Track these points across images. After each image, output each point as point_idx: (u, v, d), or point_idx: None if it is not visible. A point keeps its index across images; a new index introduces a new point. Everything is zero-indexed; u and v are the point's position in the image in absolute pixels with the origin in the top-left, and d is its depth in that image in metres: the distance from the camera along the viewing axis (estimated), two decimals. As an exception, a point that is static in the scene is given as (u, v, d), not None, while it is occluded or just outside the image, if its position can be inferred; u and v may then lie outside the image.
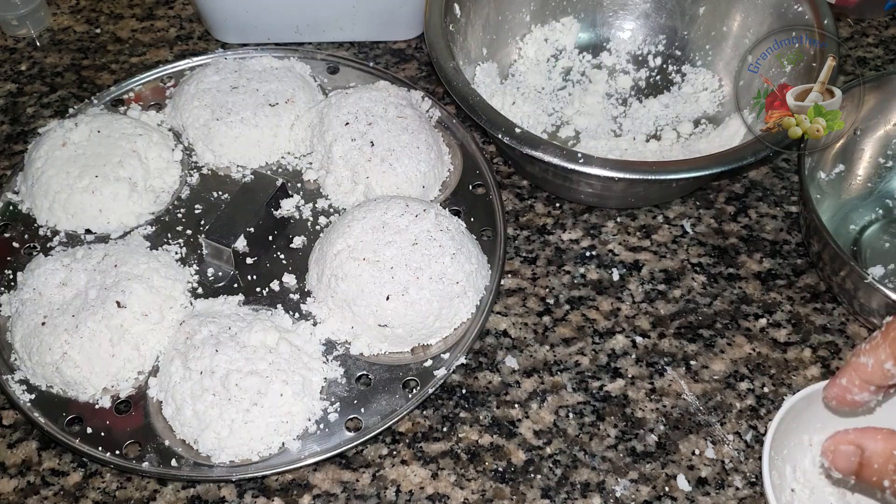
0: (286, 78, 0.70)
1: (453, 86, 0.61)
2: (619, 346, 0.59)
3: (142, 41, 0.81)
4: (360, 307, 0.55)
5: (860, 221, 0.65)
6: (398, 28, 0.78)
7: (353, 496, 0.52)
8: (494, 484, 0.53)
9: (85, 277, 0.57)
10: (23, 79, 0.77)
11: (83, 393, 0.55)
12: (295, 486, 0.53)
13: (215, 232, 0.60)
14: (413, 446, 0.55)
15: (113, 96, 0.72)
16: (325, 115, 0.66)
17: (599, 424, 0.55)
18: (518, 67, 0.75)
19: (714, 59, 0.73)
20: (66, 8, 0.84)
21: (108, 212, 0.63)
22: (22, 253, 0.62)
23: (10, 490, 0.53)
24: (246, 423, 0.51)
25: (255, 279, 0.61)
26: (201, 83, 0.68)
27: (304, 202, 0.65)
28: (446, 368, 0.56)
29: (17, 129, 0.73)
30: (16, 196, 0.65)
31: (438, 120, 0.69)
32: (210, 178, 0.67)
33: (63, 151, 0.64)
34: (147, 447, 0.53)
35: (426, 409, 0.56)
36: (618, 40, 0.76)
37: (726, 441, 0.55)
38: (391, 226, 0.57)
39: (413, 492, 0.53)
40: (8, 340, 0.57)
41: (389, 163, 0.63)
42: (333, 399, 0.55)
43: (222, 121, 0.66)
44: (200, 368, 0.52)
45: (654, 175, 0.57)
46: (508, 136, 0.58)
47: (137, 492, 0.53)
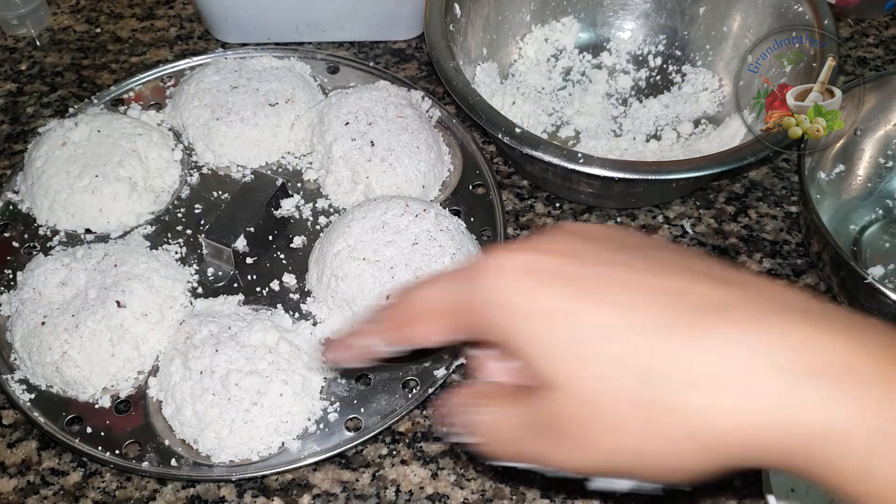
0: (286, 78, 0.70)
1: (453, 86, 0.61)
2: (619, 346, 0.59)
3: (142, 41, 0.81)
4: (361, 307, 0.55)
5: (860, 221, 0.65)
6: (398, 28, 0.78)
7: (352, 496, 0.52)
8: (494, 484, 0.53)
9: (85, 277, 0.57)
10: (23, 78, 0.77)
11: (83, 392, 0.55)
12: (295, 486, 0.53)
13: (215, 232, 0.60)
14: (413, 446, 0.55)
15: (113, 96, 0.72)
16: (325, 114, 0.66)
17: (599, 424, 0.55)
18: (518, 67, 0.75)
19: (714, 59, 0.73)
20: (66, 7, 0.84)
21: (108, 211, 0.63)
22: (22, 252, 0.62)
23: (9, 490, 0.53)
24: (246, 423, 0.51)
25: (255, 279, 0.61)
26: (201, 83, 0.68)
27: (304, 202, 0.65)
28: (446, 368, 0.56)
29: (17, 128, 0.73)
30: (16, 196, 0.65)
31: (438, 120, 0.69)
32: (210, 177, 0.67)
33: (63, 151, 0.64)
34: (147, 447, 0.53)
35: (426, 408, 0.56)
36: (618, 40, 0.76)
37: (726, 441, 0.55)
38: (391, 226, 0.57)
39: (413, 492, 0.53)
40: (8, 340, 0.57)
41: (389, 163, 0.63)
42: (333, 399, 0.55)
43: (222, 120, 0.66)
44: (200, 368, 0.52)
45: (654, 175, 0.57)
46: (508, 136, 0.58)
47: (137, 491, 0.53)
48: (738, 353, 0.28)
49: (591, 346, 0.29)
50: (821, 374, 0.27)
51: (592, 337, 0.29)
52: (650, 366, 0.28)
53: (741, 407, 0.27)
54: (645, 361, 0.28)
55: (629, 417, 0.29)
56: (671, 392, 0.28)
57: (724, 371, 0.28)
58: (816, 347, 0.27)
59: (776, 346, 0.28)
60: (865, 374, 0.27)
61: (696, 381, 0.28)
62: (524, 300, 0.30)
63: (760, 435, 0.28)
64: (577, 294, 0.30)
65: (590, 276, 0.30)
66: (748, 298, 0.29)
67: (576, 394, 0.30)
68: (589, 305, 0.30)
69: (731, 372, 0.28)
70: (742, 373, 0.28)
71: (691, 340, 0.28)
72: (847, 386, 0.27)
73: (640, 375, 0.29)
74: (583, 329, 0.29)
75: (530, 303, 0.30)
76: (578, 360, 0.29)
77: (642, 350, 0.29)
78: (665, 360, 0.28)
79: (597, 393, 0.29)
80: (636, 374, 0.29)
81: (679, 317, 0.29)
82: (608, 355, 0.29)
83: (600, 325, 0.29)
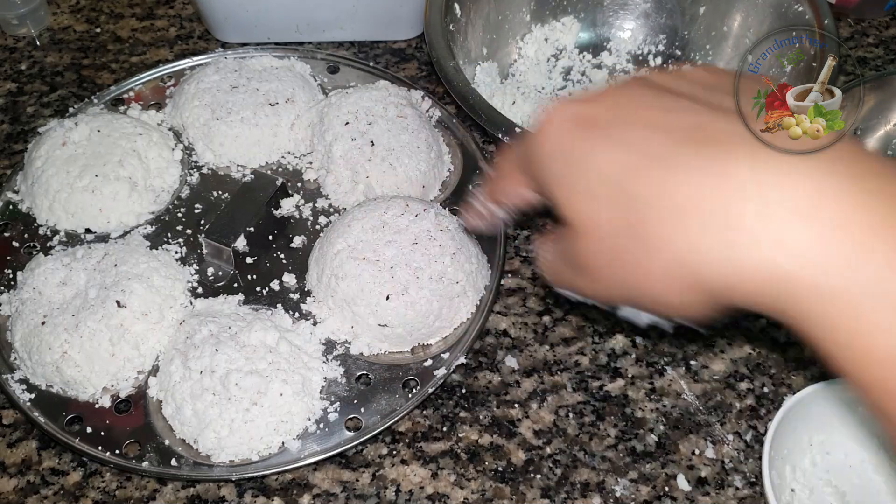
0: (286, 77, 0.70)
1: (453, 85, 0.61)
2: (619, 346, 0.59)
3: (142, 40, 0.81)
4: (360, 307, 0.55)
5: (860, 221, 0.65)
6: (398, 28, 0.78)
7: (352, 496, 0.52)
8: (494, 484, 0.53)
9: (85, 277, 0.57)
10: (23, 78, 0.77)
11: (83, 392, 0.55)
12: (295, 486, 0.53)
13: (215, 231, 0.60)
14: (413, 446, 0.55)
15: (113, 96, 0.72)
16: (325, 114, 0.66)
17: (599, 424, 0.55)
18: (518, 67, 0.75)
19: (714, 59, 0.73)
20: (66, 7, 0.84)
21: (108, 211, 0.63)
22: (22, 252, 0.62)
23: (9, 489, 0.53)
24: (246, 423, 0.51)
25: (255, 279, 0.61)
26: (201, 83, 0.68)
27: (304, 202, 0.65)
28: (446, 368, 0.56)
29: (17, 128, 0.73)
30: (16, 195, 0.65)
31: (438, 120, 0.69)
32: (210, 177, 0.67)
33: (63, 151, 0.64)
34: (147, 447, 0.53)
35: (426, 408, 0.56)
36: (618, 40, 0.76)
37: (726, 441, 0.55)
38: (391, 225, 0.57)
39: (413, 491, 0.53)
40: (8, 340, 0.57)
41: (389, 162, 0.63)
42: (333, 399, 0.55)
43: (222, 120, 0.66)
44: (200, 368, 0.52)
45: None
46: (508, 135, 0.58)
47: (137, 491, 0.53)
48: (729, 188, 0.27)
49: (597, 185, 0.31)
50: (813, 219, 0.26)
51: (599, 176, 0.31)
52: (641, 196, 0.29)
53: (722, 242, 0.27)
54: (637, 192, 0.30)
55: (624, 251, 0.31)
56: (660, 224, 0.29)
57: (711, 206, 0.28)
58: (817, 192, 0.27)
59: (770, 185, 0.27)
60: (860, 223, 0.26)
61: (682, 211, 0.28)
62: (559, 146, 0.33)
63: (742, 274, 0.27)
64: (599, 138, 0.32)
65: (618, 121, 0.32)
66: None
67: (586, 231, 0.32)
68: (602, 147, 0.31)
69: (716, 207, 0.27)
70: (727, 207, 0.27)
71: (686, 173, 0.29)
72: (839, 234, 0.26)
73: (633, 208, 0.30)
74: (592, 170, 0.31)
75: (561, 148, 0.33)
76: (587, 199, 0.31)
77: (638, 183, 0.30)
78: (655, 190, 0.29)
79: (600, 229, 0.31)
80: (629, 206, 0.30)
81: (680, 149, 0.29)
82: (609, 191, 0.30)
83: (607, 163, 0.31)
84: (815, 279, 0.26)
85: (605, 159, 0.31)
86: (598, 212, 0.31)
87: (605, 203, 0.31)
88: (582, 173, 0.32)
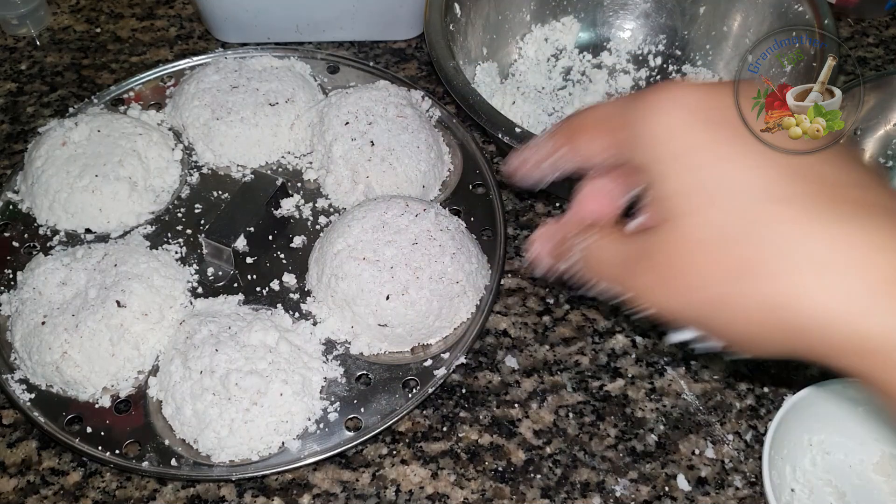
0: (286, 77, 0.70)
1: (453, 85, 0.61)
2: (619, 346, 0.59)
3: (142, 40, 0.81)
4: (360, 307, 0.55)
5: (860, 221, 0.65)
6: (398, 28, 0.78)
7: (352, 496, 0.52)
8: (494, 484, 0.53)
9: (85, 277, 0.57)
10: (23, 78, 0.77)
11: (83, 392, 0.55)
12: (295, 486, 0.53)
13: (215, 231, 0.60)
14: (413, 446, 0.55)
15: (113, 95, 0.72)
16: (325, 114, 0.66)
17: (599, 424, 0.55)
18: (518, 67, 0.75)
19: (714, 59, 0.73)
20: (66, 7, 0.84)
21: (108, 211, 0.63)
22: (22, 252, 0.62)
23: (9, 489, 0.53)
24: (246, 423, 0.51)
25: (255, 279, 0.61)
26: (201, 83, 0.68)
27: (304, 202, 0.65)
28: (446, 368, 0.56)
29: (17, 128, 0.73)
30: (16, 195, 0.65)
31: (438, 120, 0.69)
32: (210, 177, 0.67)
33: (63, 151, 0.64)
34: (147, 447, 0.53)
35: (426, 408, 0.56)
36: (618, 40, 0.76)
37: (726, 441, 0.55)
38: (391, 225, 0.57)
39: (413, 491, 0.53)
40: (8, 340, 0.57)
41: (389, 162, 0.63)
42: (333, 399, 0.55)
43: (222, 120, 0.66)
44: (200, 368, 0.52)
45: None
46: (508, 135, 0.58)
47: (137, 491, 0.53)
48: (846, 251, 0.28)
49: (721, 193, 0.30)
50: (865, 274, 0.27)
51: (727, 186, 0.30)
52: (763, 231, 0.29)
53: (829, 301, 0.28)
54: (761, 225, 0.29)
55: (723, 268, 0.30)
56: (769, 261, 0.29)
57: (829, 261, 0.28)
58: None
59: (885, 259, 0.27)
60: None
61: (798, 259, 0.28)
62: (679, 135, 0.32)
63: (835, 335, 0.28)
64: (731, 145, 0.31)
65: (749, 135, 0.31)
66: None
67: (687, 229, 0.31)
68: (738, 162, 0.31)
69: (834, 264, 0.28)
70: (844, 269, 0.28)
71: (812, 224, 0.29)
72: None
73: (750, 234, 0.29)
74: (721, 177, 0.30)
75: (683, 139, 0.32)
76: (704, 200, 0.31)
77: (764, 215, 0.29)
78: (781, 230, 0.29)
79: (705, 234, 0.30)
80: (747, 231, 0.29)
81: (815, 200, 0.29)
82: (731, 206, 0.30)
83: (737, 179, 0.30)
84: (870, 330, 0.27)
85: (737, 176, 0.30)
86: (709, 219, 0.30)
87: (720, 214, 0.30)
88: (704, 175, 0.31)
